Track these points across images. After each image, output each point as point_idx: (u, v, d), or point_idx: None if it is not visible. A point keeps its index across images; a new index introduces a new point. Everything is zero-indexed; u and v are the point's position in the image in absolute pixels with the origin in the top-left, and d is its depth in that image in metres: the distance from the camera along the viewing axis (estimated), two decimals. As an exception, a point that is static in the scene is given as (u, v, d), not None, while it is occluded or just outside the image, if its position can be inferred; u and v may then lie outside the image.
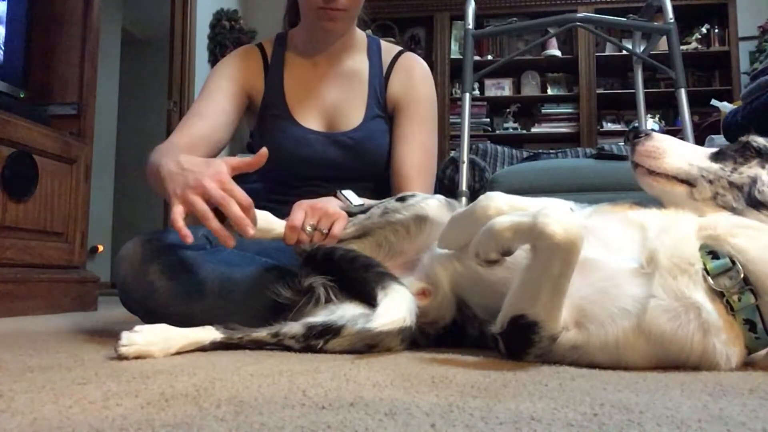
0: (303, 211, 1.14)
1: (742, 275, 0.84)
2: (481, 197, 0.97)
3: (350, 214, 1.19)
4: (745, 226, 0.88)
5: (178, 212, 1.03)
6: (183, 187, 1.05)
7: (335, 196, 1.29)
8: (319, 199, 1.21)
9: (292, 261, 1.21)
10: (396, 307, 0.95)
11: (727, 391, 0.70)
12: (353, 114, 1.50)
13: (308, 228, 1.12)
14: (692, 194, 0.96)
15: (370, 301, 1.00)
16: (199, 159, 1.12)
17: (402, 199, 1.17)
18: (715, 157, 0.98)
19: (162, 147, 1.30)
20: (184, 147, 1.30)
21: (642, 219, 0.94)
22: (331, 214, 1.14)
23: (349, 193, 1.29)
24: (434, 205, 1.15)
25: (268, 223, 1.12)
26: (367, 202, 1.27)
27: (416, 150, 1.48)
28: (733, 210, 0.92)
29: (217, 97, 1.47)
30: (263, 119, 1.51)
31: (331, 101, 1.51)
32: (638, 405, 0.62)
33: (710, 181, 0.95)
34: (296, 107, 1.50)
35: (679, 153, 0.99)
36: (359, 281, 1.04)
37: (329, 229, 1.13)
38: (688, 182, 0.97)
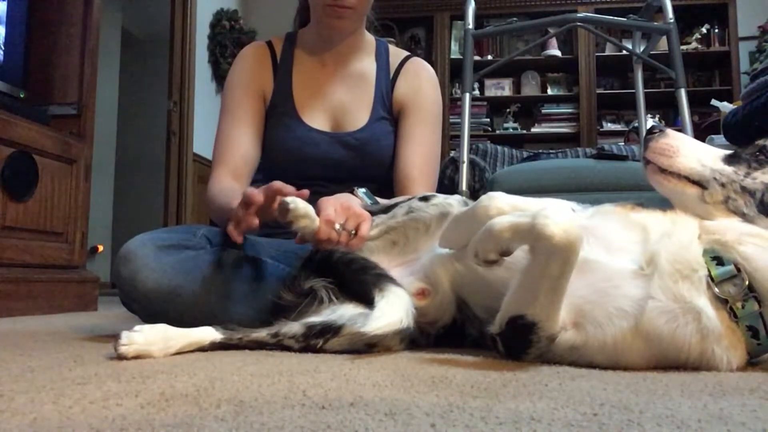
0: (333, 208, 1.11)
1: (747, 283, 0.83)
2: (483, 197, 0.96)
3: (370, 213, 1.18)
4: (754, 234, 0.87)
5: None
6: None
7: (352, 193, 1.28)
8: (341, 195, 1.20)
9: (291, 262, 1.21)
10: (392, 309, 0.95)
11: (727, 391, 0.70)
12: (359, 114, 1.50)
13: (337, 226, 1.10)
14: (703, 197, 0.94)
15: (367, 302, 1.00)
16: None
17: (425, 199, 1.17)
18: (729, 160, 0.95)
19: (216, 192, 1.39)
20: (232, 182, 1.41)
21: (644, 221, 0.93)
22: (359, 214, 1.12)
23: (365, 192, 1.28)
24: (456, 205, 1.15)
25: (313, 212, 1.10)
26: (383, 201, 1.27)
27: (420, 151, 1.49)
28: (744, 216, 0.90)
29: (241, 114, 1.49)
30: (270, 117, 1.52)
31: (337, 101, 1.52)
32: (638, 405, 0.62)
33: (722, 185, 0.93)
34: (303, 106, 1.50)
35: (693, 153, 0.97)
36: (357, 283, 1.04)
37: (356, 230, 1.11)
38: (699, 184, 0.95)
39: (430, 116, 1.53)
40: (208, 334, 1.03)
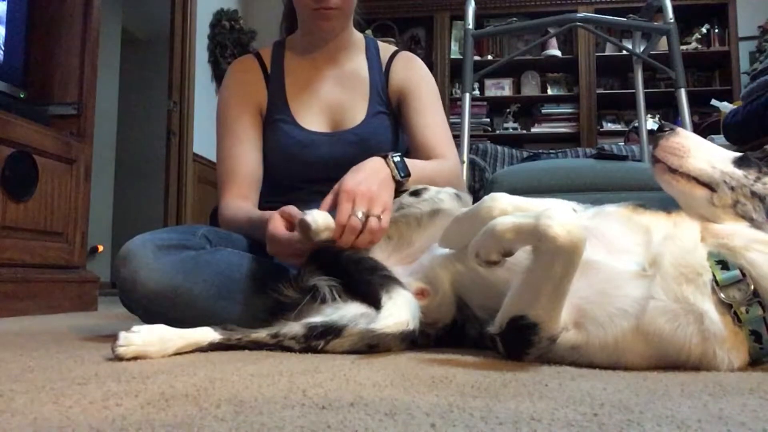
0: (349, 202, 1.10)
1: (752, 288, 0.83)
2: (486, 197, 0.96)
3: (398, 183, 1.18)
4: (762, 241, 0.86)
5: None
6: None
7: (386, 159, 1.23)
8: (368, 169, 1.18)
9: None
10: (400, 310, 0.95)
11: (727, 391, 0.70)
12: (356, 111, 1.51)
13: (359, 214, 1.08)
14: (712, 199, 0.92)
15: (373, 303, 1.00)
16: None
17: (416, 194, 1.18)
18: (739, 163, 0.94)
19: (231, 217, 1.40)
20: (242, 203, 1.42)
21: (647, 222, 0.92)
22: (384, 202, 1.12)
23: (398, 162, 1.23)
24: (447, 198, 1.16)
25: (331, 220, 1.09)
26: (413, 166, 1.24)
27: (434, 121, 1.50)
28: (752, 221, 0.89)
29: (240, 132, 1.49)
30: (268, 125, 1.52)
31: (333, 100, 1.52)
32: (638, 405, 0.62)
33: (732, 188, 0.91)
34: (299, 110, 1.51)
35: (704, 154, 0.95)
36: (364, 283, 1.04)
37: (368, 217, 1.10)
38: (709, 186, 0.93)
39: (432, 96, 1.55)
40: (207, 334, 1.03)
